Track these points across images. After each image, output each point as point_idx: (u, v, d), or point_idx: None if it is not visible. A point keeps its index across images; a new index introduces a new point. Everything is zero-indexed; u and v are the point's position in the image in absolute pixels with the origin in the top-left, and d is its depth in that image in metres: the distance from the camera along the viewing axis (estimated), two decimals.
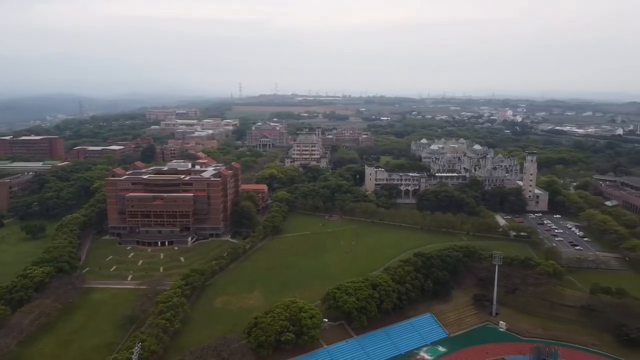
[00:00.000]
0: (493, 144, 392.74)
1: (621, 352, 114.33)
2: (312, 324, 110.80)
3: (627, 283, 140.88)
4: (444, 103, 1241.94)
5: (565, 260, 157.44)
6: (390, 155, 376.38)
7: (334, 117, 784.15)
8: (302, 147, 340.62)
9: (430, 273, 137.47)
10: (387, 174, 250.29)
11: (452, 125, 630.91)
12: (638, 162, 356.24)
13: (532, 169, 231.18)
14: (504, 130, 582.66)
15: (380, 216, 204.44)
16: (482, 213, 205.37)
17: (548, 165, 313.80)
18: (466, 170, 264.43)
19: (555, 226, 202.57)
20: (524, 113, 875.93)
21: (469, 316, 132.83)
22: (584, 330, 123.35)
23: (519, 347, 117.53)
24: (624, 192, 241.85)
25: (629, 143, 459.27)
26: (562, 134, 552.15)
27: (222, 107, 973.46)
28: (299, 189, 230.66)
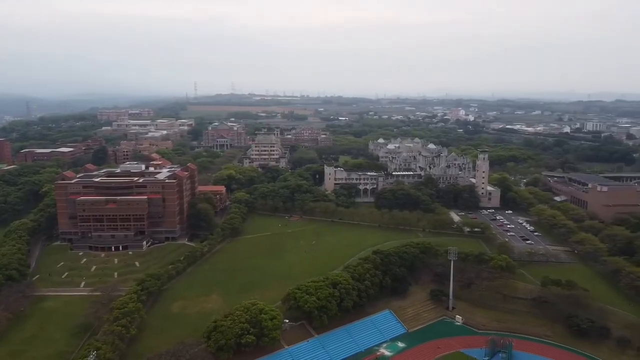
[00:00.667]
0: (447, 143, 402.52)
1: (572, 342, 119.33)
2: (273, 325, 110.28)
3: (576, 275, 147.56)
4: (400, 103, 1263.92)
5: (517, 254, 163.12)
6: (349, 154, 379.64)
7: (293, 117, 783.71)
8: (261, 147, 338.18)
9: (388, 270, 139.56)
10: (346, 173, 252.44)
11: (407, 125, 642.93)
12: (585, 159, 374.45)
13: (484, 167, 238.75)
14: (457, 129, 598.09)
15: (340, 215, 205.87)
16: (438, 210, 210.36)
17: (499, 163, 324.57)
18: (421, 169, 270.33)
19: (507, 221, 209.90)
20: (476, 112, 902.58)
21: (426, 311, 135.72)
22: (537, 321, 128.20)
23: (475, 340, 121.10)
24: (572, 187, 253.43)
25: (575, 140, 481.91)
26: (513, 132, 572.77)
27: (177, 107, 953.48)
28: (258, 189, 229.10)
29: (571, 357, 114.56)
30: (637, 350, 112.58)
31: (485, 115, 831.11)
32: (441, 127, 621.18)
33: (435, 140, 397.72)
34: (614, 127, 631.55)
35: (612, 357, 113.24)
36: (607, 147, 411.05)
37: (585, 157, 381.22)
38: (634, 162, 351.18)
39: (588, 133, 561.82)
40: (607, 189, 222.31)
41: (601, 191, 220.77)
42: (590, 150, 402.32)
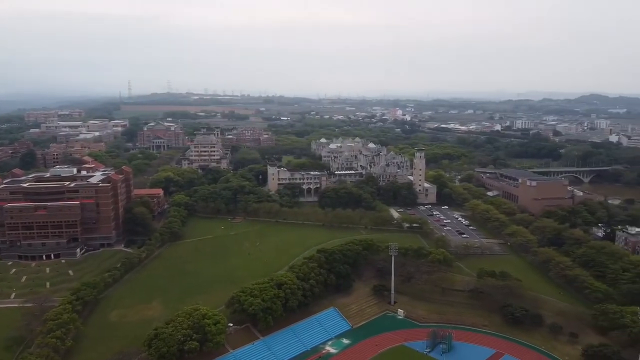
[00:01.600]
0: (386, 142, 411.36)
1: (508, 331, 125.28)
2: (217, 330, 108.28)
3: (509, 266, 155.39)
4: (340, 103, 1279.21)
5: (454, 247, 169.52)
6: (292, 154, 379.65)
7: (234, 116, 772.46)
8: (200, 147, 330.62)
9: (333, 268, 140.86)
10: (290, 173, 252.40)
11: (348, 125, 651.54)
12: (514, 155, 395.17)
13: (421, 165, 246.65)
14: (395, 128, 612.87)
15: (284, 215, 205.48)
16: (378, 207, 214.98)
17: (435, 161, 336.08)
18: (362, 168, 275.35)
19: (444, 216, 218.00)
20: (412, 112, 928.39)
21: (370, 306, 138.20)
22: (474, 312, 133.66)
23: (416, 333, 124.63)
24: (503, 183, 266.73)
25: (506, 138, 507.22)
26: (447, 131, 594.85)
27: (110, 107, 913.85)
28: (198, 191, 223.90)
29: (507, 344, 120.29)
30: (569, 336, 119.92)
31: (421, 115, 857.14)
32: (380, 127, 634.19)
33: (375, 140, 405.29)
34: (542, 124, 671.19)
35: (545, 343, 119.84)
36: (535, 143, 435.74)
37: (515, 153, 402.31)
38: (560, 158, 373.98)
39: (517, 130, 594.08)
40: (535, 183, 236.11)
41: (530, 186, 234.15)
42: (519, 147, 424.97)
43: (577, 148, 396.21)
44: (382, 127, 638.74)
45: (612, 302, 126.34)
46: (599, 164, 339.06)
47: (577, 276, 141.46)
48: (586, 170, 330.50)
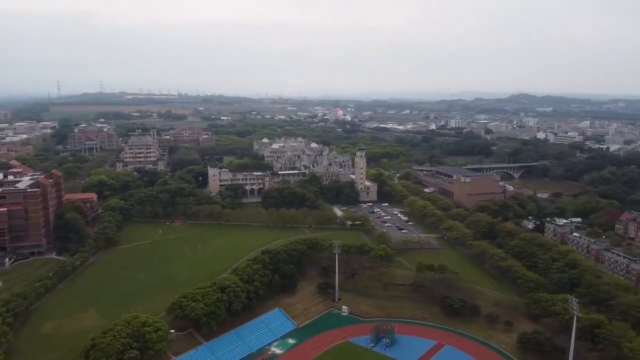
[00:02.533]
0: (328, 142, 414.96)
1: (447, 322, 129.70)
2: (158, 337, 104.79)
3: (446, 259, 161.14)
4: (282, 103, 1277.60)
5: (394, 243, 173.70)
6: (234, 155, 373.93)
7: (171, 116, 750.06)
8: (136, 149, 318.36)
9: (277, 268, 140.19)
10: (232, 174, 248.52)
11: (290, 125, 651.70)
12: (449, 153, 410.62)
13: (362, 164, 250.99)
14: (336, 128, 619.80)
15: (227, 217, 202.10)
16: (322, 206, 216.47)
17: (375, 160, 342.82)
18: (305, 167, 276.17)
19: (385, 213, 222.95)
20: (353, 112, 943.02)
21: (314, 305, 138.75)
22: (415, 305, 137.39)
23: (360, 329, 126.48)
24: (439, 179, 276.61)
25: (441, 136, 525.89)
26: (386, 130, 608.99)
27: (38, 108, 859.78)
28: (134, 195, 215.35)
29: (447, 335, 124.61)
30: (504, 325, 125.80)
31: (362, 115, 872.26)
32: (322, 127, 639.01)
33: (317, 139, 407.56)
34: (474, 123, 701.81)
35: (483, 332, 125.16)
36: (469, 141, 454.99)
37: (450, 151, 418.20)
38: (492, 155, 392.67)
39: (452, 129, 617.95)
40: (469, 179, 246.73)
41: (464, 182, 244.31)
42: (454, 145, 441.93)
43: (507, 145, 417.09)
44: (324, 127, 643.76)
45: (544, 290, 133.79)
46: (528, 160, 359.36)
47: (510, 267, 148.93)
48: (516, 166, 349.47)
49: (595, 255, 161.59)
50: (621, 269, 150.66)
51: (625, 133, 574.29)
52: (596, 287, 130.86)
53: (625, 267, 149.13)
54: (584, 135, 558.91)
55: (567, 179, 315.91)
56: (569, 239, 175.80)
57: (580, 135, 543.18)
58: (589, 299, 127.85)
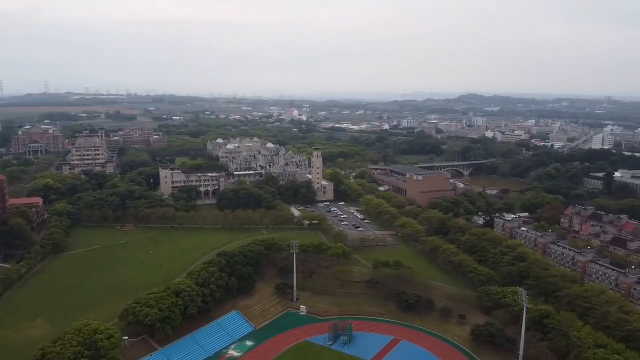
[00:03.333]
0: (284, 142, 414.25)
1: (403, 317, 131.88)
2: (110, 344, 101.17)
3: (401, 255, 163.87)
4: (236, 103, 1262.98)
5: (351, 241, 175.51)
6: (186, 155, 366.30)
7: (119, 117, 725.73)
8: (83, 151, 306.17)
9: (234, 270, 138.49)
10: (185, 175, 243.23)
11: (245, 125, 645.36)
12: (402, 152, 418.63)
13: (319, 163, 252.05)
14: (292, 128, 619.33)
15: (180, 220, 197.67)
16: (279, 206, 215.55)
17: (331, 159, 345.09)
18: (262, 167, 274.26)
19: (341, 212, 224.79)
20: (308, 112, 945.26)
21: (272, 305, 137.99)
22: (372, 301, 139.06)
23: (318, 327, 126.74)
24: (393, 178, 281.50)
25: (394, 136, 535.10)
26: (341, 130, 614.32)
27: None
28: (82, 198, 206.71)
29: (403, 330, 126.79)
30: (457, 318, 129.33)
31: (317, 115, 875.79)
32: (277, 127, 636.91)
33: (273, 139, 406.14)
34: (425, 122, 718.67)
35: (437, 326, 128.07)
36: (420, 140, 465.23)
37: (403, 150, 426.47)
38: (443, 153, 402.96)
39: (404, 129, 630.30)
40: (421, 177, 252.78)
41: (417, 180, 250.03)
42: (406, 144, 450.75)
43: (457, 144, 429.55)
44: (279, 126, 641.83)
45: (494, 283, 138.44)
46: (477, 158, 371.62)
47: (462, 261, 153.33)
48: (466, 164, 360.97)
49: (542, 249, 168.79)
50: (567, 261, 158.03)
51: (568, 131, 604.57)
52: (544, 279, 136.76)
53: (571, 259, 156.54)
54: (530, 133, 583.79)
55: (514, 176, 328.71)
56: (517, 233, 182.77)
57: (526, 134, 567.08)
58: (537, 291, 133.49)
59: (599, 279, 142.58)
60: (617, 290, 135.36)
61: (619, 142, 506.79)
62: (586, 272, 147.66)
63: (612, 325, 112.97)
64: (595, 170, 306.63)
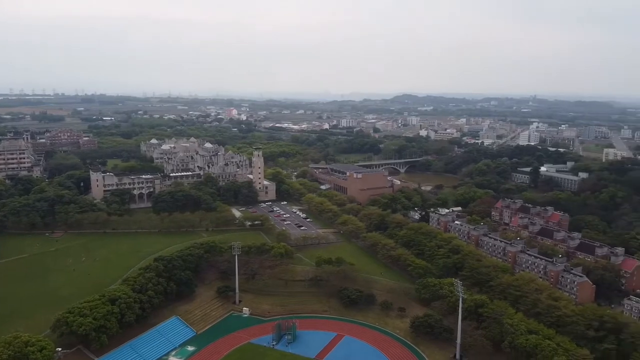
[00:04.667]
0: (223, 142, 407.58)
1: (346, 313, 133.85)
2: (43, 357, 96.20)
3: (343, 252, 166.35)
4: (171, 102, 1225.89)
5: (294, 240, 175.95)
6: (119, 157, 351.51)
7: (46, 118, 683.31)
8: (7, 154, 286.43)
9: (172, 275, 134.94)
10: (117, 178, 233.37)
11: (181, 125, 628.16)
12: (342, 151, 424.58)
13: (260, 163, 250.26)
14: (231, 128, 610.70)
15: (114, 225, 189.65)
16: (219, 208, 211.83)
17: (273, 159, 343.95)
18: (200, 168, 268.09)
19: (283, 212, 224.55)
20: (247, 112, 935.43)
21: (214, 309, 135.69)
22: (315, 299, 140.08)
23: (262, 328, 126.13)
24: (334, 176, 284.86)
25: (334, 135, 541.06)
26: (282, 130, 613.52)
27: None
28: (7, 205, 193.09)
29: (346, 326, 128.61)
30: (398, 311, 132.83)
31: (257, 115, 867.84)
32: (216, 126, 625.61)
33: (211, 139, 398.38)
34: (363, 122, 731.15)
35: (379, 320, 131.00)
36: (359, 140, 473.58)
37: (343, 149, 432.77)
38: (380, 152, 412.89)
39: (343, 129, 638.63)
40: (361, 175, 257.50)
41: (357, 178, 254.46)
42: (346, 143, 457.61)
43: (393, 143, 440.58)
44: (218, 126, 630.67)
45: (432, 276, 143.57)
46: (412, 155, 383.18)
47: (400, 256, 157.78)
48: (402, 162, 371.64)
49: (475, 241, 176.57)
50: (499, 252, 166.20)
51: (497, 128, 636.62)
52: (477, 270, 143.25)
53: (502, 250, 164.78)
54: (461, 131, 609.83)
55: (447, 172, 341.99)
56: (451, 227, 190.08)
57: (457, 132, 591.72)
58: (472, 281, 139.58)
59: (529, 268, 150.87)
60: (546, 278, 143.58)
61: (544, 139, 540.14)
62: (517, 262, 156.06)
63: (543, 312, 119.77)
64: (523, 165, 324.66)
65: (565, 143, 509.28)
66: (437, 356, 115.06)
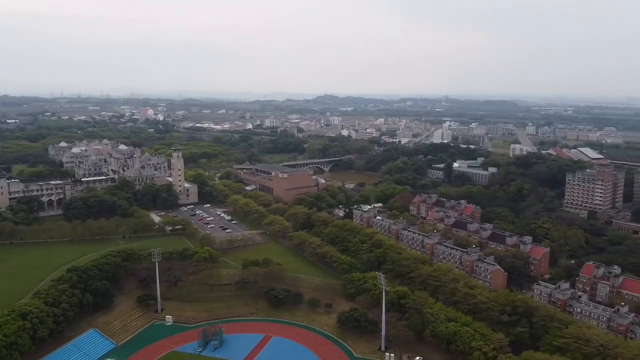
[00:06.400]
0: (139, 143, 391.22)
1: (274, 313, 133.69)
2: None
3: (270, 253, 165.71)
4: (81, 103, 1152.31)
5: (218, 244, 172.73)
6: (25, 162, 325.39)
7: None
8: None
9: (88, 286, 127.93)
10: (24, 184, 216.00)
11: (93, 126, 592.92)
12: (266, 151, 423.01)
13: (180, 165, 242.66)
14: (147, 129, 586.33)
15: (22, 235, 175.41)
16: (137, 213, 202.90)
17: (194, 160, 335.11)
18: (114, 172, 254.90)
19: (207, 214, 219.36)
20: (165, 112, 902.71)
21: (135, 319, 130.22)
22: (242, 302, 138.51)
23: (187, 336, 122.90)
24: (259, 177, 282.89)
25: (257, 135, 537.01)
26: (202, 130, 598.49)
27: None
28: None
29: (274, 326, 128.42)
30: (325, 307, 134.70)
31: (175, 115, 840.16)
32: (131, 127, 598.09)
33: (126, 141, 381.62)
34: (287, 122, 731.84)
35: (307, 318, 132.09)
36: (283, 139, 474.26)
37: (267, 149, 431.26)
38: (305, 151, 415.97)
39: (267, 129, 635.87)
40: (286, 175, 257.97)
41: (282, 178, 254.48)
42: (270, 143, 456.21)
43: (317, 142, 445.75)
44: (133, 127, 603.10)
45: (356, 270, 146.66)
46: (335, 154, 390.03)
47: (326, 253, 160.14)
48: (326, 161, 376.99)
49: (395, 235, 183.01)
50: (417, 244, 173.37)
51: (413, 128, 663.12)
52: (398, 262, 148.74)
53: (421, 243, 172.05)
54: (380, 131, 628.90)
55: (368, 170, 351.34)
56: (374, 222, 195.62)
57: (377, 131, 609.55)
58: (394, 274, 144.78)
59: (446, 258, 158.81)
60: (462, 268, 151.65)
61: (456, 136, 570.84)
62: (434, 254, 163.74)
63: (460, 300, 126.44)
64: (437, 162, 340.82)
65: (476, 140, 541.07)
66: (363, 349, 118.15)
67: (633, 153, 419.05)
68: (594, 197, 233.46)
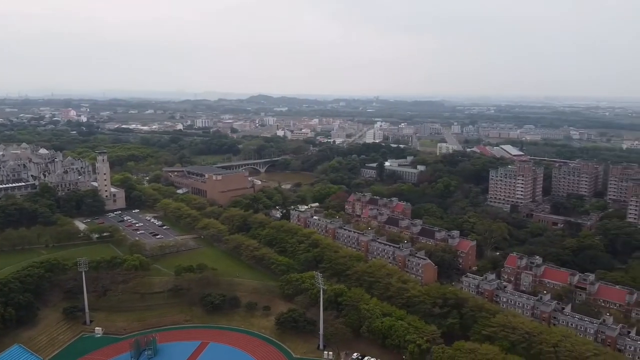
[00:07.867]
0: (60, 147, 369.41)
1: (210, 319, 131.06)
2: None
3: (205, 258, 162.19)
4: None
5: (149, 250, 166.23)
6: None
7: None
8: None
9: (9, 300, 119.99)
10: None
11: (10, 129, 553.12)
12: (199, 152, 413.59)
13: (105, 169, 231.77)
14: (69, 131, 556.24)
15: None
16: (60, 221, 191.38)
17: (120, 163, 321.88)
18: (34, 178, 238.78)
19: (136, 220, 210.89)
20: (88, 113, 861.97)
21: (62, 332, 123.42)
22: (176, 309, 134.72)
23: (119, 347, 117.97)
24: (191, 179, 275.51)
25: (189, 136, 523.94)
26: (129, 131, 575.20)
27: None
28: None
29: (211, 333, 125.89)
30: (262, 310, 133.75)
31: (99, 116, 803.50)
32: (52, 130, 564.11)
33: (46, 145, 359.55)
34: (220, 122, 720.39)
35: (244, 322, 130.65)
36: (217, 140, 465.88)
37: (199, 150, 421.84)
38: (239, 152, 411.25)
39: (199, 129, 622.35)
40: (221, 177, 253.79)
41: (216, 180, 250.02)
42: (202, 144, 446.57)
43: (252, 143, 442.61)
44: (54, 129, 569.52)
45: (294, 271, 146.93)
46: (271, 155, 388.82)
47: (264, 255, 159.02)
48: (262, 162, 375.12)
49: (332, 234, 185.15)
50: (353, 242, 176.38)
51: (346, 128, 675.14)
52: (335, 260, 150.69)
53: (356, 240, 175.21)
54: (315, 131, 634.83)
55: (304, 170, 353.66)
56: (311, 222, 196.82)
57: (312, 132, 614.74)
58: (331, 272, 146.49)
59: (380, 255, 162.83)
60: (395, 263, 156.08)
61: (387, 136, 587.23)
62: (369, 250, 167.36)
63: (394, 295, 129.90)
64: (370, 161, 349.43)
65: (405, 139, 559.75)
66: (302, 349, 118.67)
67: (550, 149, 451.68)
68: (516, 191, 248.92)
